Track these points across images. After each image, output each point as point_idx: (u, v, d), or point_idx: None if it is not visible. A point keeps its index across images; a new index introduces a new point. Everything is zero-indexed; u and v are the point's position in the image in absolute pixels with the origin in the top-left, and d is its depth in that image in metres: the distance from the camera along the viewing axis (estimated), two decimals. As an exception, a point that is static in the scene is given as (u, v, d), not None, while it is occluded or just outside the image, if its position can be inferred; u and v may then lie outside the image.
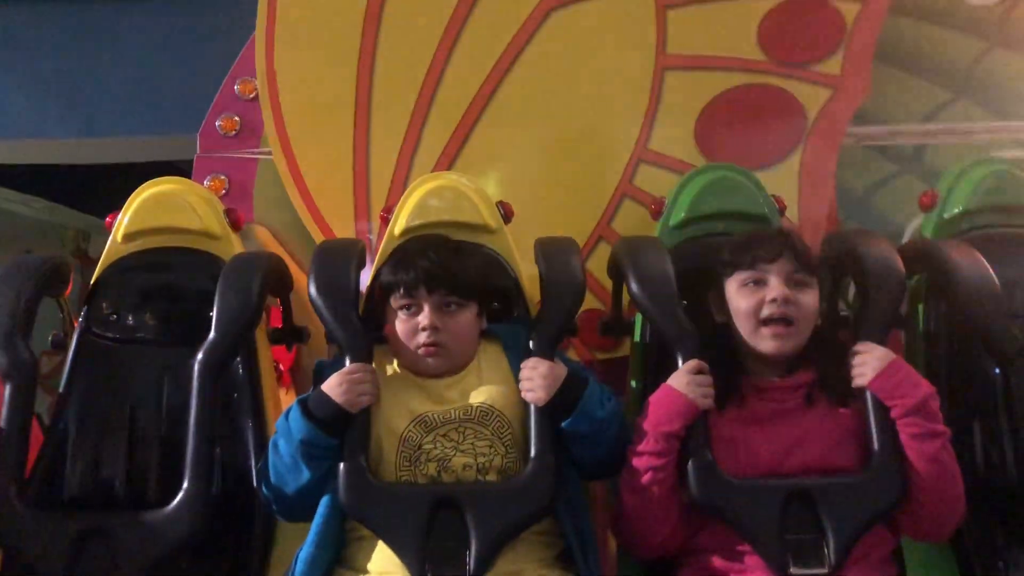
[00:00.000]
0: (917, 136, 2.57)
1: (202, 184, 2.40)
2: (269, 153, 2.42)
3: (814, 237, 2.23)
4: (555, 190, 2.34)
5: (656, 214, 2.11)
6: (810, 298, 1.67)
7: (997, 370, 1.78)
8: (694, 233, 2.02)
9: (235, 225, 2.07)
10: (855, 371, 1.64)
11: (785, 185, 2.32)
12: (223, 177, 2.47)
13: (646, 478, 1.60)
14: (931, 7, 2.60)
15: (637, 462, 1.61)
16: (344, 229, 2.28)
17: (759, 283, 1.67)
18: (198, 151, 2.51)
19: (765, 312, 1.64)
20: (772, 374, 1.69)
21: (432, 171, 2.24)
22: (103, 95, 3.60)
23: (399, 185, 2.26)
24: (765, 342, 1.66)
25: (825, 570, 1.53)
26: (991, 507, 1.74)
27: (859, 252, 1.80)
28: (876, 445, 1.60)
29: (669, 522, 1.62)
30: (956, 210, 2.07)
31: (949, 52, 2.61)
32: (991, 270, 1.78)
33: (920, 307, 1.95)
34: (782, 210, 2.13)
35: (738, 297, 1.69)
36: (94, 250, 7.59)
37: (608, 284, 2.07)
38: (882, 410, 1.61)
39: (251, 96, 2.48)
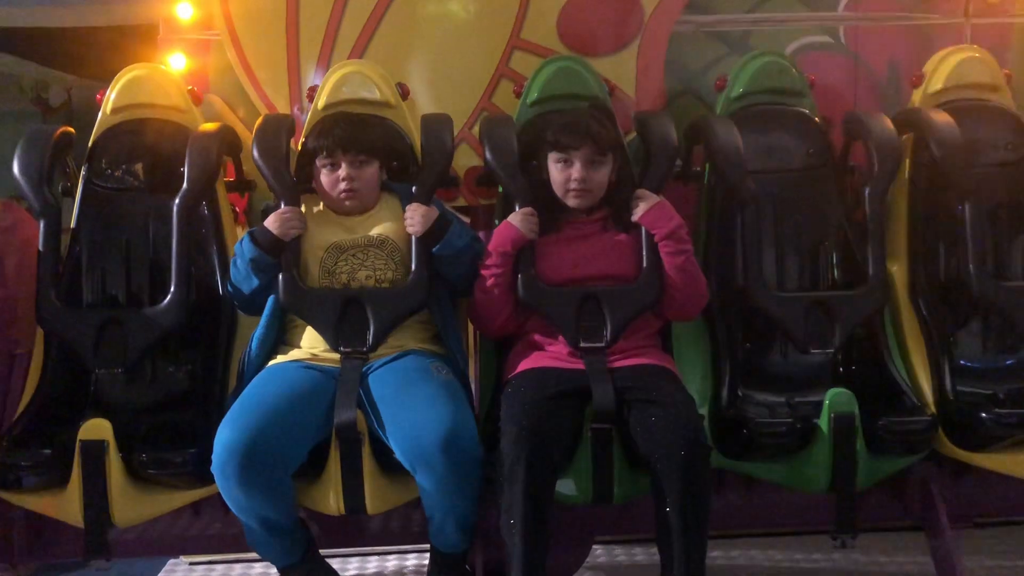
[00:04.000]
0: (744, 24, 3.19)
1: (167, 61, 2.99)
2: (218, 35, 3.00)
3: (652, 108, 2.93)
4: (448, 72, 2.96)
5: (518, 95, 2.78)
6: (602, 173, 2.38)
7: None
8: (542, 110, 2.70)
9: (196, 99, 2.72)
10: (633, 210, 2.39)
11: (625, 68, 2.98)
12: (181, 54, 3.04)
13: (490, 283, 2.36)
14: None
15: (484, 271, 2.36)
16: (282, 105, 2.91)
17: (567, 163, 2.38)
18: (160, 34, 3.07)
19: (570, 186, 2.37)
20: (578, 213, 2.44)
21: (347, 59, 2.85)
22: None
23: (322, 69, 2.87)
24: (570, 201, 2.40)
25: (603, 344, 2.32)
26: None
27: (647, 125, 2.52)
28: (644, 261, 2.37)
29: (505, 312, 2.38)
30: (739, 91, 2.77)
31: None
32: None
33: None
34: (612, 91, 2.81)
35: (553, 170, 2.41)
36: (53, 99, 7.99)
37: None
38: (649, 237, 2.36)
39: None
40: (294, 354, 2.33)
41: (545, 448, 2.12)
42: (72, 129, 2.57)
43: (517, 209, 2.40)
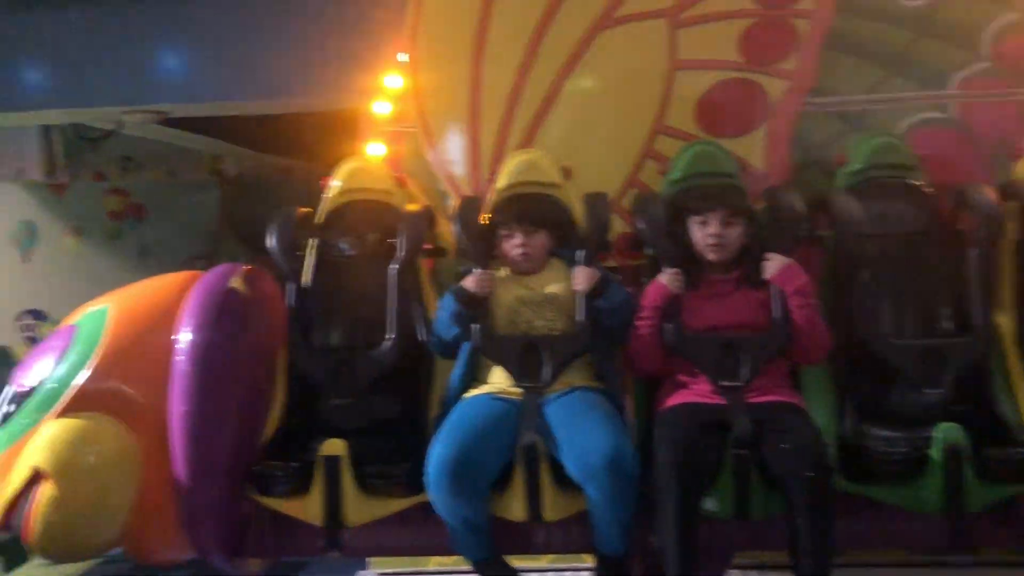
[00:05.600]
0: (862, 103, 3.61)
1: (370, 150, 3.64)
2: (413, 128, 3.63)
3: (779, 180, 3.38)
4: (602, 154, 3.48)
5: (662, 173, 3.30)
6: (735, 231, 2.87)
7: None
8: (684, 185, 3.19)
9: (401, 183, 3.36)
10: (765, 269, 2.85)
11: (755, 147, 3.46)
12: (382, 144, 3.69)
13: (643, 331, 2.86)
14: (873, 5, 3.56)
15: (638, 322, 2.86)
16: (465, 186, 3.50)
17: (705, 223, 2.88)
18: (366, 126, 3.73)
19: (708, 241, 2.87)
20: (717, 271, 2.92)
21: (520, 147, 3.43)
22: (268, 63, 4.67)
23: (497, 159, 3.42)
24: (709, 255, 2.89)
25: (740, 382, 2.77)
26: None
27: (776, 197, 2.99)
28: (775, 313, 2.82)
29: (655, 356, 2.87)
30: (857, 166, 3.21)
31: (887, 40, 3.60)
32: None
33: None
34: (744, 167, 3.28)
35: (694, 231, 2.91)
36: (227, 171, 9.01)
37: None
38: (779, 292, 2.81)
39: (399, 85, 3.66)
40: (485, 388, 2.88)
41: (693, 470, 2.58)
42: (311, 210, 3.23)
43: (665, 270, 2.91)
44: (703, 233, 2.88)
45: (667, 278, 2.88)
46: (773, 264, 2.83)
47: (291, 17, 4.38)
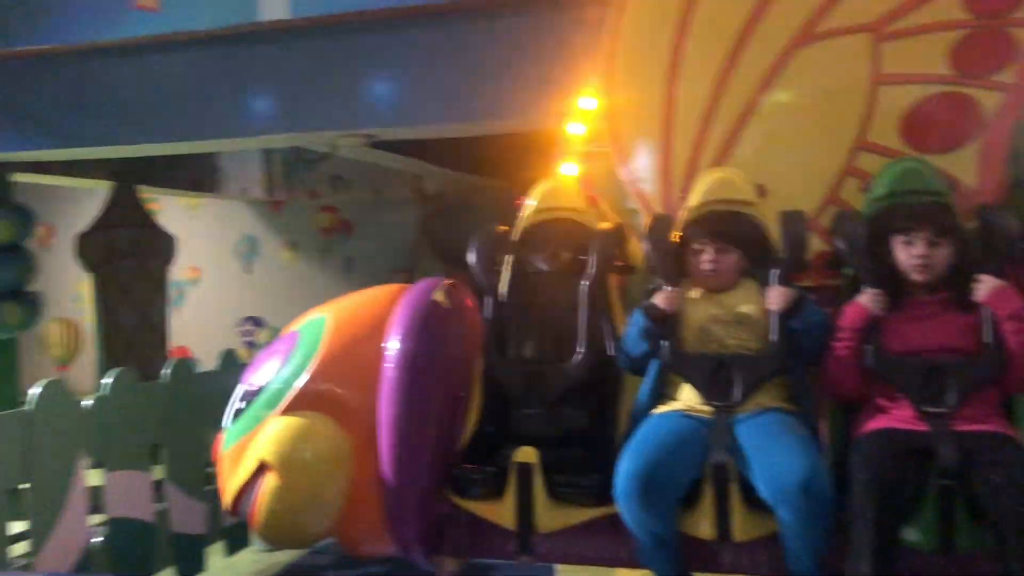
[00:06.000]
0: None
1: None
2: (606, 148, 3.71)
3: (993, 198, 3.20)
4: (799, 171, 3.42)
5: (864, 190, 3.20)
6: (941, 252, 2.76)
7: None
8: (888, 204, 3.07)
9: (593, 203, 3.44)
10: (976, 291, 2.71)
11: (967, 163, 3.28)
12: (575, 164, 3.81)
13: (841, 353, 2.79)
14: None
15: (836, 344, 2.80)
16: (656, 205, 3.54)
17: (910, 243, 2.78)
18: (560, 147, 3.86)
19: (912, 262, 2.76)
20: (922, 293, 2.80)
21: (712, 164, 3.44)
22: (472, 88, 4.73)
23: (690, 177, 3.41)
24: (914, 276, 2.78)
25: (945, 409, 2.64)
26: None
27: (988, 216, 2.84)
28: (987, 337, 2.68)
29: (853, 379, 2.79)
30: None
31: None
32: None
33: None
34: (953, 186, 3.13)
35: (899, 251, 2.81)
36: (427, 189, 9.44)
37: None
38: (991, 316, 2.67)
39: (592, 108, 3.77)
40: (674, 405, 2.91)
41: (891, 497, 2.50)
42: (508, 228, 3.38)
43: (865, 290, 2.82)
44: (908, 253, 2.78)
45: (868, 298, 2.80)
46: (985, 286, 2.70)
47: (493, 43, 4.57)
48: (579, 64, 3.89)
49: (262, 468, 2.88)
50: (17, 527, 3.51)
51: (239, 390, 3.13)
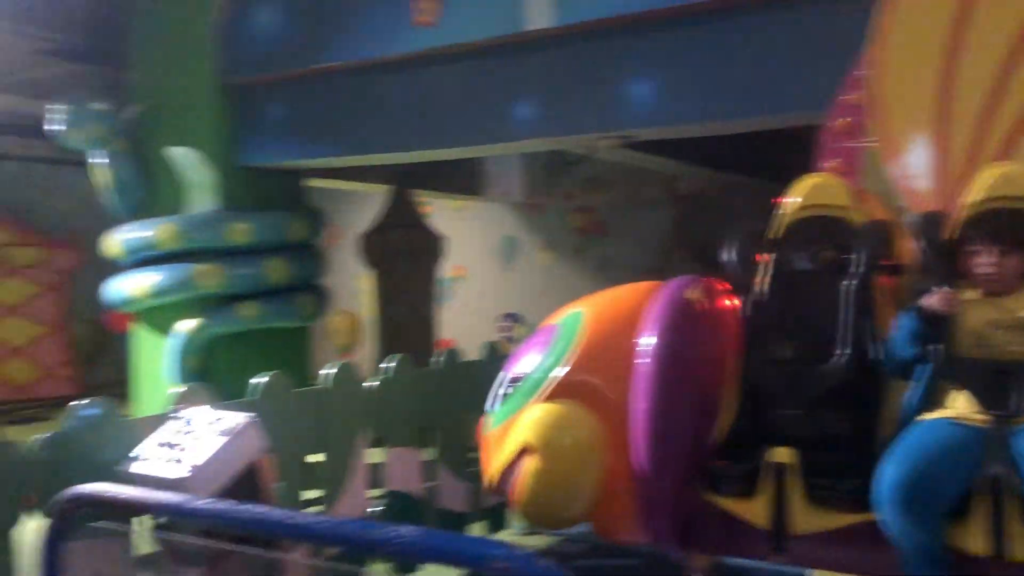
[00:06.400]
0: None
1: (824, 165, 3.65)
2: (874, 142, 3.57)
3: None
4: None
5: None
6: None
7: None
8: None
9: (861, 199, 3.32)
10: None
11: None
12: (838, 160, 3.69)
13: None
14: None
15: None
16: (927, 201, 3.35)
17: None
18: (821, 142, 3.75)
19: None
20: None
21: (993, 160, 3.20)
22: (731, 85, 4.64)
23: (968, 172, 3.17)
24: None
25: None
26: None
27: None
28: None
29: None
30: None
31: None
32: None
33: None
34: None
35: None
36: (682, 189, 9.41)
37: None
38: None
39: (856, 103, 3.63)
40: (943, 412, 2.76)
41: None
42: (766, 225, 3.34)
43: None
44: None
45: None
46: None
47: (752, 37, 4.51)
48: (842, 56, 3.76)
49: (524, 450, 3.06)
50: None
51: (502, 377, 3.34)
